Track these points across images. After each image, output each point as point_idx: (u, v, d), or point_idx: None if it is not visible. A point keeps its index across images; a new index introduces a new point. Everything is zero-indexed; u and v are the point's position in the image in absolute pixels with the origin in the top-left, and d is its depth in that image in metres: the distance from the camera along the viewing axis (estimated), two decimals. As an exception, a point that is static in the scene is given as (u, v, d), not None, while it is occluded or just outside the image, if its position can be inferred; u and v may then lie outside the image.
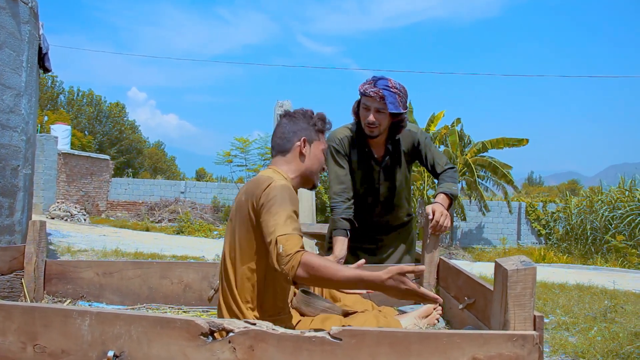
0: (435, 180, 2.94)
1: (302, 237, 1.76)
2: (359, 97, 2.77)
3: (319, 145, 2.14)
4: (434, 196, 2.76)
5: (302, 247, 1.71)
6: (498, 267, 1.47)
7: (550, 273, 8.87)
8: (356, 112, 2.82)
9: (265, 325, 1.33)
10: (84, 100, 36.63)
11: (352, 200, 2.85)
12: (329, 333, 1.32)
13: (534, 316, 1.42)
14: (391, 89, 2.62)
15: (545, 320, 4.43)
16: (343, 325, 1.37)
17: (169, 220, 17.97)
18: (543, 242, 20.02)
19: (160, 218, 18.36)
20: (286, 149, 2.08)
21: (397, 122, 2.77)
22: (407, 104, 2.79)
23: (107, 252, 7.76)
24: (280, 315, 1.95)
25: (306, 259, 1.65)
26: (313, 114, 2.15)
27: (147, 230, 15.13)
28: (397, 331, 1.34)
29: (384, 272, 1.66)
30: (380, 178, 2.91)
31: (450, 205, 2.71)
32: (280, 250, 1.68)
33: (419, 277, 2.59)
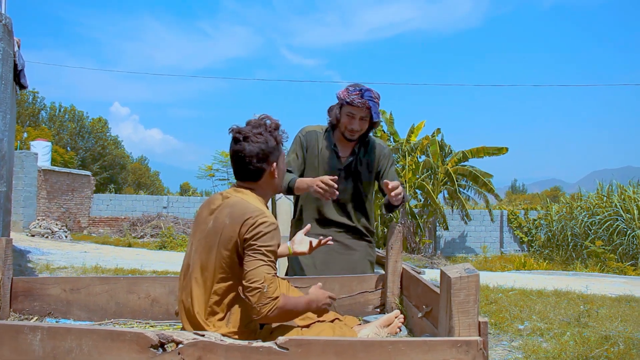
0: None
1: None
2: (340, 103, 2.92)
3: (282, 157, 2.18)
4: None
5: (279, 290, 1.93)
6: (443, 275, 1.51)
7: (530, 280, 8.97)
8: (337, 117, 2.96)
9: (214, 337, 1.36)
10: (66, 116, 36.44)
11: None
12: (276, 343, 1.35)
13: (479, 322, 1.46)
14: (374, 100, 2.83)
15: (520, 327, 4.48)
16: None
17: (152, 236, 17.85)
18: (525, 249, 20.15)
19: (142, 234, 18.23)
20: (258, 177, 2.10)
21: (371, 127, 2.99)
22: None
23: (87, 269, 7.71)
24: (247, 327, 1.99)
25: (282, 305, 1.89)
26: (267, 124, 2.12)
27: (129, 246, 15.02)
28: (343, 340, 1.38)
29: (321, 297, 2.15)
30: (340, 176, 2.98)
31: (400, 204, 2.79)
32: (265, 290, 1.86)
33: (384, 286, 2.64)
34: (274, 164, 2.10)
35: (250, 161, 2.05)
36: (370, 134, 3.12)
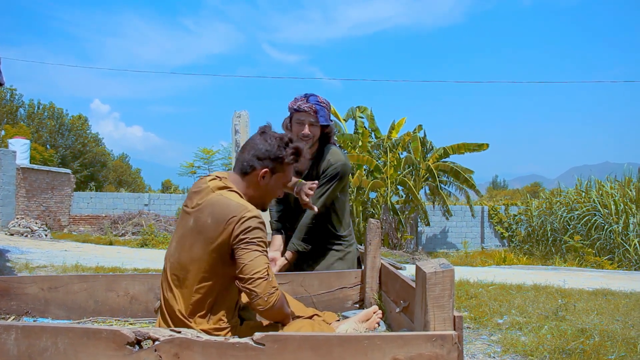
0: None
1: None
2: (289, 114, 2.96)
3: (281, 177, 2.17)
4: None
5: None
6: (418, 270, 1.52)
7: (510, 274, 9.04)
8: (288, 128, 2.97)
9: (190, 333, 1.36)
10: (45, 114, 35.99)
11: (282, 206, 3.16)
12: (252, 339, 1.36)
13: (454, 316, 1.48)
14: (321, 104, 2.85)
15: (499, 321, 4.52)
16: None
17: (133, 234, 17.74)
18: (506, 244, 20.35)
19: (123, 231, 18.10)
20: (247, 172, 2.10)
21: (326, 133, 2.98)
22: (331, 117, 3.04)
23: (67, 268, 7.64)
24: (229, 324, 1.99)
25: (282, 298, 1.95)
26: (290, 142, 2.14)
27: (111, 244, 14.91)
28: (319, 335, 1.39)
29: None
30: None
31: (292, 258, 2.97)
32: (270, 279, 1.88)
33: (362, 282, 2.66)
34: (266, 170, 2.09)
35: (249, 152, 2.10)
36: (333, 146, 3.07)
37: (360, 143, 17.24)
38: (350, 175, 3.20)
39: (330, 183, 2.95)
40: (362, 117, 18.20)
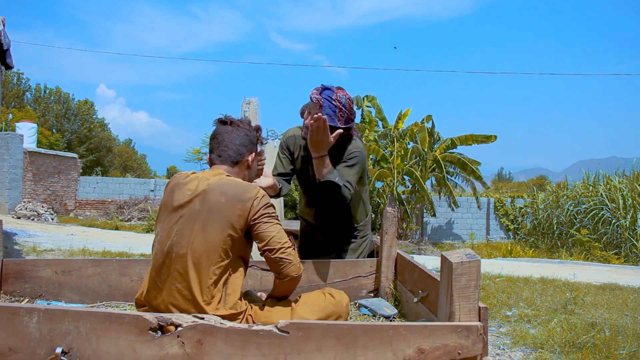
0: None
1: None
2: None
3: (257, 155, 2.32)
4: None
5: None
6: (444, 260, 1.50)
7: (516, 267, 9.02)
8: (303, 115, 2.86)
9: (214, 320, 1.35)
10: (52, 98, 35.99)
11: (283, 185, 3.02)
12: (276, 326, 1.34)
13: (479, 307, 1.46)
14: (333, 101, 2.63)
15: (508, 313, 4.51)
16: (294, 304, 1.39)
17: (139, 219, 17.78)
18: (511, 236, 20.32)
19: (129, 217, 18.15)
20: (237, 161, 2.20)
21: (344, 135, 2.74)
22: (351, 120, 2.75)
23: (74, 252, 7.65)
24: (237, 308, 1.98)
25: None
26: (250, 123, 2.29)
27: (117, 229, 14.94)
28: (343, 324, 1.37)
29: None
30: (314, 181, 2.87)
31: (325, 167, 2.62)
32: (295, 248, 2.07)
33: (378, 271, 2.64)
34: (252, 154, 2.25)
35: (234, 142, 2.19)
36: (356, 139, 2.88)
37: (367, 132, 17.20)
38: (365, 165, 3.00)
39: (354, 167, 2.78)
40: (370, 107, 18.14)
